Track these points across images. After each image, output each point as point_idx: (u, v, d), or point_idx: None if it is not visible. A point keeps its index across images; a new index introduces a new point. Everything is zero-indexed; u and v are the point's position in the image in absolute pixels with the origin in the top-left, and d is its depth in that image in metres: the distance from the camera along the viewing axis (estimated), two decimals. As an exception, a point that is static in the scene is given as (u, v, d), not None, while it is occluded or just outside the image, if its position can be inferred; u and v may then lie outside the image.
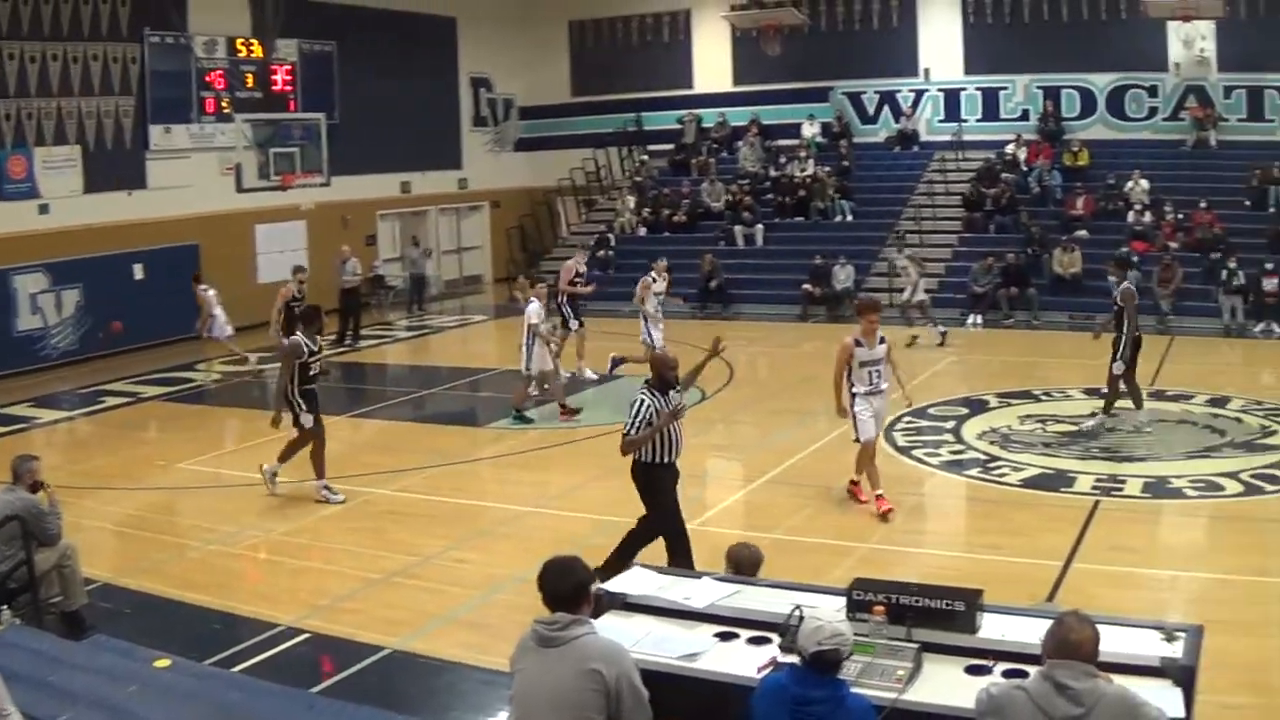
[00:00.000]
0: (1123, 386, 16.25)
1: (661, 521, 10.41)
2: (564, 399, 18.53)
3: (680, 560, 9.95)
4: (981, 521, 13.18)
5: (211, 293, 23.04)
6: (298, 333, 14.48)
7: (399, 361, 25.93)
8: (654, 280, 21.07)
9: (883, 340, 13.02)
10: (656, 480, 10.43)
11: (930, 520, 13.81)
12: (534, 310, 18.00)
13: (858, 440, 13.06)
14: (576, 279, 21.50)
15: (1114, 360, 16.00)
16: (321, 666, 9.57)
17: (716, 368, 21.16)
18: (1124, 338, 15.93)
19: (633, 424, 10.18)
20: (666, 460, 10.41)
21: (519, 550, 12.03)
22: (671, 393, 10.39)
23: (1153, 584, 10.64)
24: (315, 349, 14.20)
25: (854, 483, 13.42)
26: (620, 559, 9.88)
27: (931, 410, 17.74)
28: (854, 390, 12.95)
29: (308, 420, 14.08)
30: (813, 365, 22.60)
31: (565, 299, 21.14)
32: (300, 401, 14.04)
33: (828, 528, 12.76)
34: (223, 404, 21.08)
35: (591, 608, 5.68)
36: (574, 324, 21.04)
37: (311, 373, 14.16)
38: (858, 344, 12.85)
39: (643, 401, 10.20)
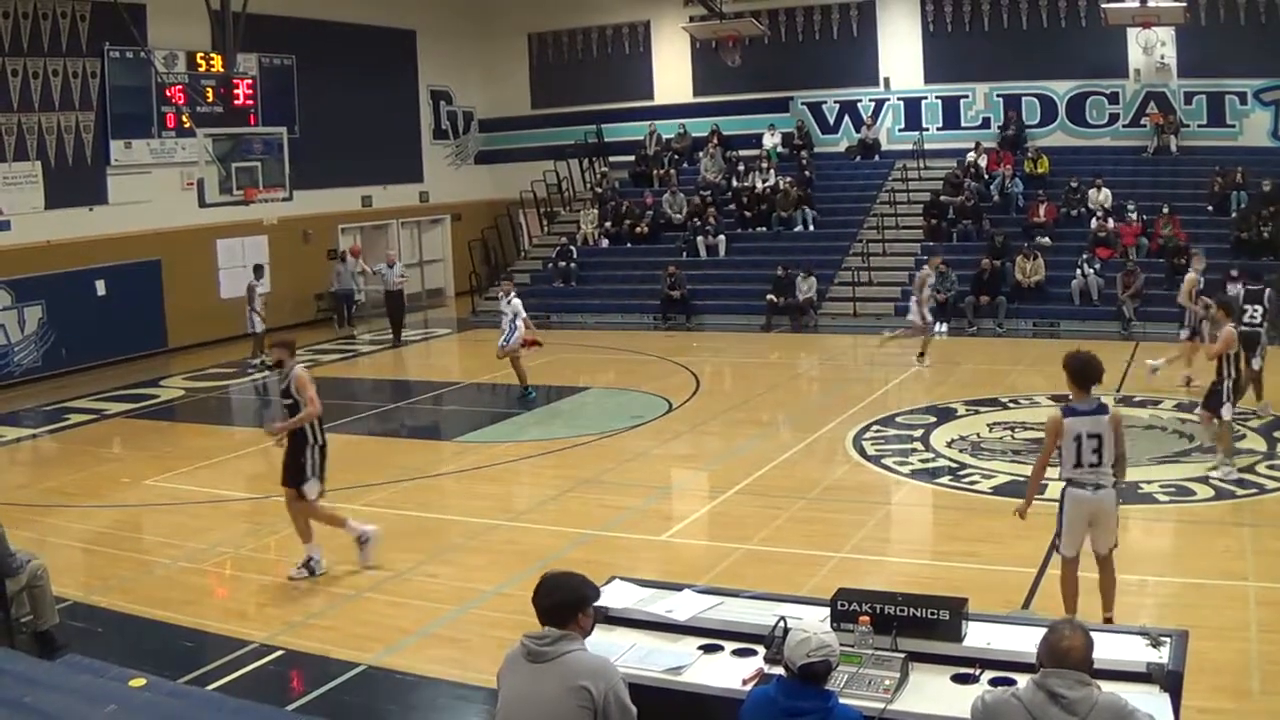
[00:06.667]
0: None
1: None
2: None
3: None
4: (954, 529, 13.13)
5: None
6: None
7: (363, 376, 25.77)
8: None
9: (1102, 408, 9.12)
10: None
11: (902, 528, 13.83)
12: None
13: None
14: None
15: None
16: (296, 684, 9.48)
17: (683, 378, 21.29)
18: None
19: None
20: None
21: (490, 564, 11.87)
22: None
23: (1125, 589, 10.62)
24: None
25: None
26: None
27: (899, 418, 17.79)
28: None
29: None
30: (778, 375, 22.75)
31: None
32: None
33: (799, 538, 12.75)
34: (187, 420, 20.90)
35: (590, 624, 5.68)
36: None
37: None
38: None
39: None
